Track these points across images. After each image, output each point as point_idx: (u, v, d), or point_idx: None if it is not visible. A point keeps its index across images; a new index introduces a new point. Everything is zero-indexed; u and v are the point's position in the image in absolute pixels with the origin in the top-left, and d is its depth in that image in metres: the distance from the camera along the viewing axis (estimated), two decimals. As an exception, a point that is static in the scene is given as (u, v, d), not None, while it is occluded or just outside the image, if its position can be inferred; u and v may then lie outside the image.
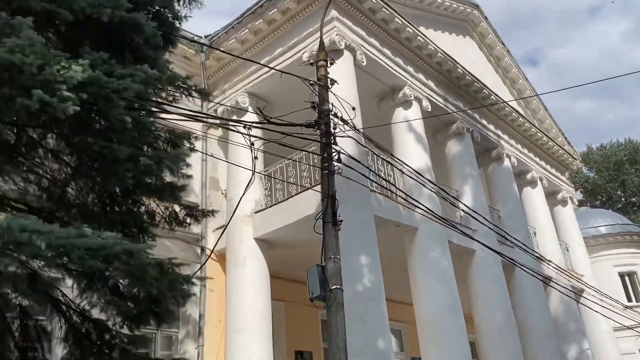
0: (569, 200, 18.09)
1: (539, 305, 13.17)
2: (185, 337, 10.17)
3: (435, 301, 10.03)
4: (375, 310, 8.17)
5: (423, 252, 10.44)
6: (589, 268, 17.45)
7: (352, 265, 8.45)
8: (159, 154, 4.95)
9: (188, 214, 6.61)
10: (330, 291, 6.15)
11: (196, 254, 10.83)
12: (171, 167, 5.07)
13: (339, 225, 6.66)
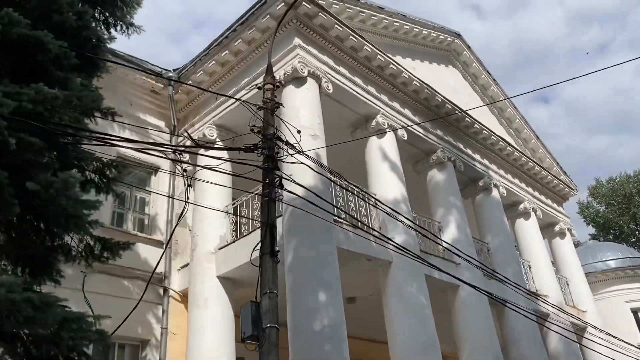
0: (567, 232, 17.30)
1: (533, 344, 12.30)
2: (144, 385, 9.50)
3: (410, 339, 9.30)
4: (334, 351, 7.48)
5: (398, 287, 9.77)
6: (592, 304, 16.50)
7: (309, 303, 7.84)
8: (48, 179, 4.48)
9: (105, 248, 6.10)
10: (264, 330, 5.54)
11: (158, 295, 10.25)
12: (60, 192, 4.59)
13: (278, 257, 6.09)
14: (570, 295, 16.35)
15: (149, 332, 9.87)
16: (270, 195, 6.38)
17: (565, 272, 16.78)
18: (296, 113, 9.42)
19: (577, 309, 15.93)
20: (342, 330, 7.83)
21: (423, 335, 9.33)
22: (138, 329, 9.75)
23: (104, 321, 9.01)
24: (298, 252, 8.28)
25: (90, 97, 5.35)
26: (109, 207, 10.27)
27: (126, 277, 9.89)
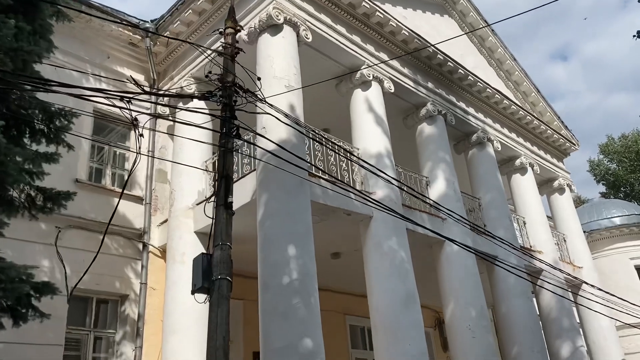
0: (566, 188, 16.89)
1: (522, 300, 12.11)
2: (123, 339, 9.52)
3: (389, 295, 9.15)
4: (302, 306, 7.35)
5: (377, 242, 9.57)
6: (589, 260, 16.23)
7: (277, 256, 7.68)
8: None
9: (47, 198, 5.92)
10: (213, 282, 5.38)
11: (137, 250, 10.17)
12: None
13: (232, 209, 5.88)
14: (567, 252, 16.08)
15: (128, 287, 9.84)
16: (227, 145, 6.12)
17: (563, 228, 16.47)
18: (270, 63, 9.07)
19: (573, 265, 15.69)
20: (312, 283, 7.67)
21: (402, 290, 9.17)
22: (117, 284, 9.72)
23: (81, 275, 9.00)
24: (269, 206, 8.07)
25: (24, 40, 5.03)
26: (85, 161, 10.11)
27: (101, 232, 9.77)
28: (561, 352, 13.12)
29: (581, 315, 15.46)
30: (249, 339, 11.36)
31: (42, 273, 8.82)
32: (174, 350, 8.92)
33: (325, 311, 13.17)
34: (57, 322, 8.66)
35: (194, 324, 9.03)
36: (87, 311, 9.44)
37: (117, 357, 9.38)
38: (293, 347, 7.07)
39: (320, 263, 11.86)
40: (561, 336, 13.26)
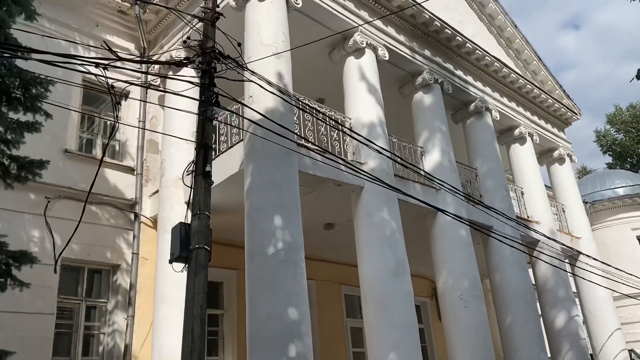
0: (566, 158, 16.67)
1: (517, 270, 12.07)
2: (115, 308, 9.60)
3: (378, 265, 9.13)
4: (288, 276, 7.33)
5: (368, 212, 9.51)
6: (588, 231, 16.11)
7: (263, 227, 7.64)
8: None
9: (21, 167, 5.86)
10: (191, 251, 5.34)
11: (129, 221, 10.17)
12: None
13: (211, 178, 5.81)
14: (565, 222, 15.98)
15: (119, 257, 9.87)
16: (205, 113, 6.01)
17: (562, 198, 16.32)
18: (258, 29, 8.88)
19: (571, 236, 15.61)
20: (299, 254, 7.64)
21: (392, 260, 9.14)
22: (108, 254, 9.75)
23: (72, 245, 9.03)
24: (255, 177, 8.00)
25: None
26: (74, 131, 10.03)
27: (94, 202, 9.78)
28: (556, 322, 13.16)
29: (578, 286, 15.44)
30: (243, 308, 11.38)
31: (32, 243, 8.88)
32: (164, 318, 8.98)
33: (320, 281, 13.42)
34: (47, 292, 8.76)
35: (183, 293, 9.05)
36: (78, 281, 9.50)
37: (110, 326, 9.47)
38: (278, 316, 7.08)
39: (314, 234, 11.98)
40: (556, 306, 13.26)
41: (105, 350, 9.33)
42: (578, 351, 12.84)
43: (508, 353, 11.65)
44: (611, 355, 14.56)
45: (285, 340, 6.97)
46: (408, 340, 8.67)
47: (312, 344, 7.29)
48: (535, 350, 11.42)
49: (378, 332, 8.80)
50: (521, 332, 11.51)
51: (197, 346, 4.99)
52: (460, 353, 10.05)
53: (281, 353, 6.90)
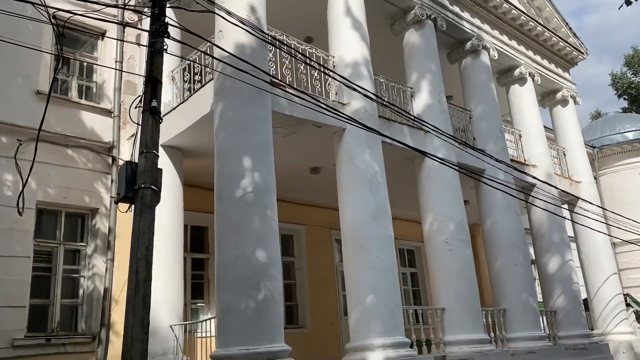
0: (570, 100, 16.03)
1: (509, 214, 11.78)
2: (94, 252, 9.56)
3: (359, 208, 8.90)
4: (256, 218, 7.12)
5: (349, 155, 9.20)
6: (589, 175, 15.68)
7: (232, 168, 7.39)
8: None
9: None
10: (137, 191, 5.12)
11: (107, 164, 9.98)
12: None
13: (160, 116, 5.52)
14: (566, 166, 15.54)
15: (98, 201, 9.75)
16: (155, 46, 5.65)
17: (564, 142, 15.81)
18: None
19: (571, 180, 15.21)
20: (269, 196, 7.40)
21: (372, 203, 8.90)
22: (86, 198, 9.63)
23: (48, 189, 8.90)
24: (224, 116, 7.69)
25: None
26: (46, 72, 9.71)
27: (70, 146, 9.59)
28: (549, 266, 12.98)
29: (576, 231, 15.17)
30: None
31: (5, 187, 8.76)
32: (141, 262, 8.90)
33: (310, 226, 13.30)
34: (23, 235, 8.71)
35: (161, 238, 8.89)
36: (56, 224, 9.42)
37: (89, 270, 9.46)
38: (245, 258, 6.93)
39: (301, 178, 11.78)
40: (550, 250, 13.05)
41: (85, 293, 9.35)
42: (570, 295, 12.71)
43: (497, 298, 11.54)
44: (606, 299, 14.45)
45: (252, 283, 6.85)
46: (386, 284, 8.53)
47: (281, 288, 7.15)
48: (524, 295, 11.28)
49: (356, 275, 8.67)
50: (510, 277, 11.35)
51: (142, 288, 4.85)
52: (444, 297, 9.94)
53: (248, 296, 6.79)
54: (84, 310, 9.24)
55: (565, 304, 12.67)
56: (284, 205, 12.87)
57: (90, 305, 9.25)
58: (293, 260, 12.96)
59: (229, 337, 6.76)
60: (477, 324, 9.84)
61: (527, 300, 11.27)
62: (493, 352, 9.72)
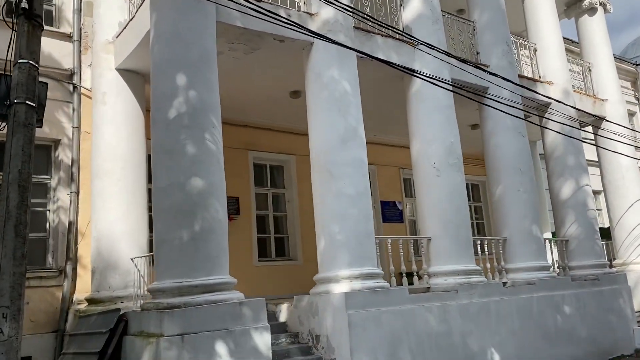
0: (598, 7, 14.25)
1: (513, 136, 10.67)
2: (58, 184, 9.19)
3: (326, 131, 8.11)
4: (192, 142, 6.44)
5: (317, 73, 8.31)
6: (617, 92, 14.12)
7: (165, 88, 6.69)
8: None
9: None
10: (9, 107, 4.49)
11: (68, 92, 9.43)
12: None
13: (39, 21, 4.78)
14: (590, 83, 14.04)
15: (60, 132, 9.29)
16: (32, -61, 4.84)
17: (590, 56, 14.21)
18: None
19: (595, 98, 13.76)
20: (207, 118, 6.65)
21: (341, 125, 8.06)
22: (46, 128, 9.11)
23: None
24: (158, 28, 6.91)
25: None
26: (-6, -5, 9.04)
27: (25, 74, 9.03)
28: (562, 192, 11.88)
29: (600, 154, 13.89)
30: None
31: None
32: (100, 194, 8.51)
33: (299, 156, 12.51)
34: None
35: (119, 167, 8.49)
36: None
37: (55, 203, 9.13)
38: (179, 186, 6.33)
39: (282, 104, 10.94)
40: (564, 175, 11.91)
41: (51, 226, 9.07)
42: (584, 222, 11.66)
43: (497, 226, 10.68)
44: (629, 227, 13.35)
45: (187, 212, 6.27)
46: (355, 212, 7.82)
47: (222, 218, 6.54)
48: (527, 223, 10.36)
49: (323, 204, 8.01)
50: (512, 203, 10.41)
51: (14, 215, 4.31)
52: (431, 226, 9.16)
53: (182, 226, 6.23)
54: (51, 244, 8.99)
55: (578, 232, 11.65)
56: (271, 134, 12.31)
57: (57, 239, 8.98)
58: (283, 192, 12.36)
59: (163, 270, 6.28)
60: (466, 254, 9.07)
61: (530, 229, 10.35)
62: (482, 284, 8.97)
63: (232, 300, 6.20)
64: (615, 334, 11.03)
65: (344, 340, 7.14)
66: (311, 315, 7.76)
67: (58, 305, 8.64)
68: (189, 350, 5.70)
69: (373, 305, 7.47)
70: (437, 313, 8.13)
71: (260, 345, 6.21)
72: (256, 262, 11.25)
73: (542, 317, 9.70)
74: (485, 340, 8.63)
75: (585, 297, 10.72)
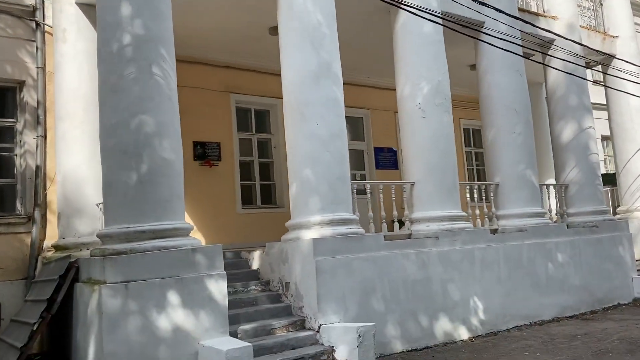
0: None
1: (509, 74, 9.96)
2: (25, 128, 8.80)
3: (297, 68, 7.54)
4: (137, 77, 5.91)
5: (289, 1, 7.64)
6: (629, 28, 13.14)
7: (110, 18, 6.21)
8: None
9: None
10: None
11: (31, 30, 8.90)
12: None
13: None
14: (601, 19, 13.07)
15: (24, 72, 8.81)
16: None
17: (601, -11, 13.20)
18: None
19: (605, 35, 12.84)
20: (155, 50, 6.03)
21: (314, 61, 7.47)
22: (8, 68, 8.70)
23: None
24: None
25: None
26: None
27: None
28: (563, 135, 11.23)
29: (608, 95, 13.08)
30: (187, 128, 10.34)
31: None
32: (64, 137, 8.11)
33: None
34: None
35: (81, 109, 8.05)
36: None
37: (21, 147, 8.78)
38: (124, 125, 5.87)
39: (263, 41, 10.27)
40: (565, 117, 11.22)
41: (19, 172, 8.75)
42: (585, 167, 11.05)
43: (490, 171, 10.13)
44: (636, 171, 12.74)
45: (133, 153, 5.83)
46: (327, 155, 7.33)
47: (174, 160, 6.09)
48: (521, 168, 9.80)
49: (295, 146, 7.52)
50: (506, 147, 9.83)
51: None
52: (415, 170, 8.65)
53: (128, 167, 5.82)
54: (19, 189, 8.70)
55: (579, 177, 11.05)
56: (255, 75, 11.67)
57: (24, 185, 8.68)
58: (269, 138, 11.86)
59: (111, 214, 5.93)
60: (451, 199, 8.58)
61: (524, 173, 9.80)
62: (466, 230, 8.52)
63: (184, 246, 5.84)
64: (613, 283, 10.62)
65: (312, 288, 6.82)
66: (281, 262, 7.44)
67: (27, 252, 8.44)
68: (134, 298, 5.39)
69: (344, 251, 7.10)
70: (414, 260, 7.75)
71: (216, 293, 5.89)
72: (240, 209, 10.92)
73: (532, 265, 9.29)
74: (468, 289, 8.26)
75: (582, 244, 10.25)
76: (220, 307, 5.93)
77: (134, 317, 5.35)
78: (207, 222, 10.27)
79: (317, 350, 6.38)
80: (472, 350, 7.28)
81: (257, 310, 6.96)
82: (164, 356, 5.44)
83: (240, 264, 8.24)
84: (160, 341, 5.44)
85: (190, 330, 5.66)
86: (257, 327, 6.60)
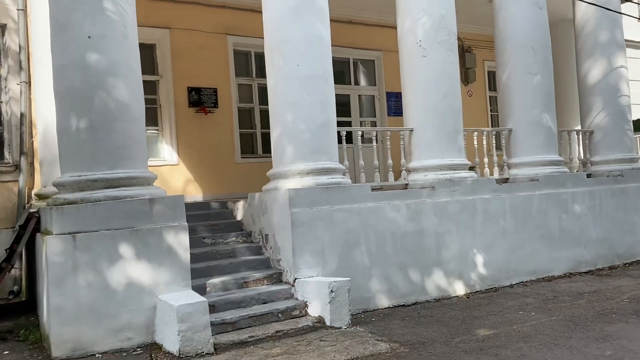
0: None
1: (527, 7, 8.95)
2: (8, 74, 8.55)
3: (277, 2, 6.89)
4: (86, 12, 5.46)
5: None
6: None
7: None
8: None
9: None
10: None
11: (11, -28, 8.51)
12: None
13: None
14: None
15: (4, 14, 8.48)
16: None
17: None
18: None
19: (647, -38, 11.42)
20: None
21: (292, -4, 6.79)
22: (-11, 12, 8.40)
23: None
24: None
25: None
26: None
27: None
28: (590, 75, 10.19)
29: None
30: (178, 73, 9.93)
31: None
32: (42, 81, 7.77)
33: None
34: None
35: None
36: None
37: (6, 94, 8.56)
38: (74, 65, 5.49)
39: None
40: (593, 54, 10.14)
41: (5, 119, 8.58)
42: (614, 110, 10.06)
43: (503, 115, 9.32)
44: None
45: (84, 96, 5.46)
46: (309, 98, 6.76)
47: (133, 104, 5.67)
48: (537, 112, 8.94)
49: (275, 88, 6.98)
50: (520, 88, 8.98)
51: None
52: (415, 115, 7.99)
53: (79, 111, 5.48)
54: (6, 137, 8.55)
55: (606, 121, 10.09)
56: (254, 16, 10.46)
57: (11, 133, 8.51)
58: (271, 81, 11.26)
59: (65, 163, 5.64)
60: (452, 146, 7.90)
61: (540, 118, 8.95)
62: (467, 180, 7.86)
63: (141, 196, 5.50)
64: (637, 237, 9.80)
65: (287, 240, 6.43)
66: (261, 213, 7.05)
67: (16, 200, 8.35)
68: (83, 250, 5.13)
69: (324, 203, 6.62)
70: (405, 212, 7.20)
71: (175, 246, 5.57)
72: (239, 158, 10.51)
73: (543, 217, 8.59)
74: (466, 242, 7.69)
75: (603, 195, 9.42)
76: (182, 260, 5.62)
77: (83, 269, 5.10)
78: (203, 171, 9.96)
79: (288, 305, 6.03)
80: (464, 307, 6.80)
81: (232, 263, 6.64)
82: (117, 311, 5.20)
83: (224, 214, 7.92)
84: (112, 295, 5.20)
85: (146, 284, 5.38)
86: (229, 280, 6.29)
